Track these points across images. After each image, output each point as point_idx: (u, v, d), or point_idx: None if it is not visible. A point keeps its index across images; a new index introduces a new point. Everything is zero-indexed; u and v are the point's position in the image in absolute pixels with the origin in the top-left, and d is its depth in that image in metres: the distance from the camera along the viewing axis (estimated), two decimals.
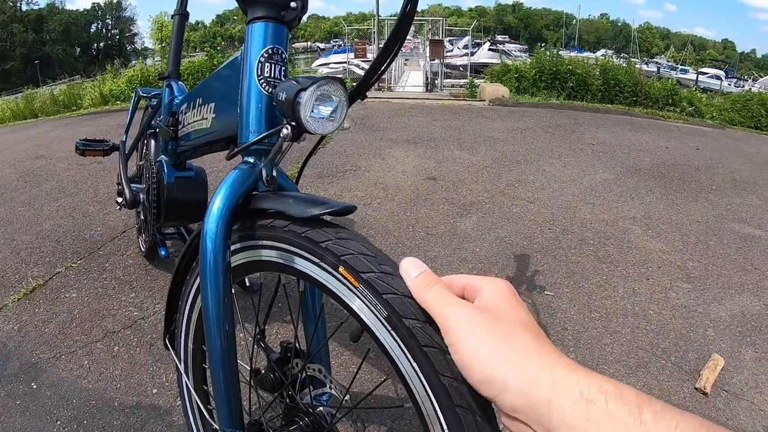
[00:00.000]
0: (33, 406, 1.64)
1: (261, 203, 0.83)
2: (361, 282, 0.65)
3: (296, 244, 0.75)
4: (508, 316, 0.49)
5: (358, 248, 0.69)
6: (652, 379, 1.86)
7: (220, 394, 0.83)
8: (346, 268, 0.67)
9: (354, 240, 0.71)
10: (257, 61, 0.89)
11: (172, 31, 2.01)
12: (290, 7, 0.90)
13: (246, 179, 0.86)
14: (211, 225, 0.80)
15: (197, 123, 1.26)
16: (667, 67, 37.20)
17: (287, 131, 0.82)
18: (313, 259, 0.72)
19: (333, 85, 0.82)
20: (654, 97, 9.71)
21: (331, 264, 0.70)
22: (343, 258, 0.68)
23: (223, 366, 0.82)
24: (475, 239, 2.95)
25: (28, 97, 10.28)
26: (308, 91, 0.79)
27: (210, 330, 0.81)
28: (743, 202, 3.98)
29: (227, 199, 0.82)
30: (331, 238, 0.71)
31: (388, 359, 0.64)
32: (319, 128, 0.82)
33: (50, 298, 2.29)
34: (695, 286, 2.57)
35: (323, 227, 0.73)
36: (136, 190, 2.03)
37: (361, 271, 0.66)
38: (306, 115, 0.79)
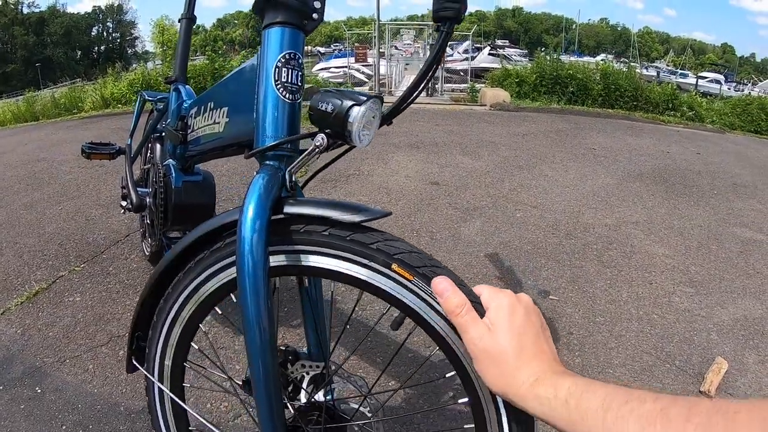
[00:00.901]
0: (37, 411, 1.64)
1: (294, 208, 0.83)
2: (416, 275, 0.74)
3: (341, 247, 0.78)
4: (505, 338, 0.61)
5: (405, 247, 0.77)
6: (656, 382, 1.87)
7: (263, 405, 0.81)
8: (400, 264, 0.75)
9: (397, 240, 0.78)
10: (274, 66, 0.89)
11: (179, 34, 2.01)
12: (311, 18, 0.92)
13: (272, 185, 0.85)
14: (248, 234, 0.78)
15: (209, 127, 1.26)
16: (667, 72, 37.28)
17: (323, 141, 0.83)
18: (362, 260, 0.78)
19: (378, 103, 0.86)
20: (654, 102, 9.73)
21: (383, 263, 0.76)
22: (396, 256, 0.75)
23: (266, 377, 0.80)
24: (479, 244, 2.95)
25: (29, 100, 10.27)
26: (363, 107, 0.81)
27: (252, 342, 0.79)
28: (744, 206, 3.98)
29: (262, 204, 0.81)
30: (379, 240, 0.77)
31: (440, 345, 0.76)
32: (365, 142, 0.85)
33: (54, 302, 2.29)
34: (698, 290, 2.58)
35: (366, 231, 0.79)
36: (142, 194, 2.03)
37: (415, 266, 0.74)
38: (359, 130, 0.82)
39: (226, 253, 0.85)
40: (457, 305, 0.65)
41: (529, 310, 0.65)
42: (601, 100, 9.66)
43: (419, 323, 0.76)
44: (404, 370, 1.86)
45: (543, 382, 0.57)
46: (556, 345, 2.05)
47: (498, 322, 0.63)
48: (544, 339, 0.64)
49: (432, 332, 0.75)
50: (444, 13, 0.84)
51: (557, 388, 0.54)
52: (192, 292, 0.91)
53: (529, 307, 0.66)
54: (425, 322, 0.75)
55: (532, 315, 0.65)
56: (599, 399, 0.50)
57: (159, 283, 0.97)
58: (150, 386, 1.05)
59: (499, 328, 0.62)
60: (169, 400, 1.04)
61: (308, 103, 0.87)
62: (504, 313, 0.63)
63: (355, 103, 0.81)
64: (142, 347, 1.04)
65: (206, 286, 0.89)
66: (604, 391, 0.50)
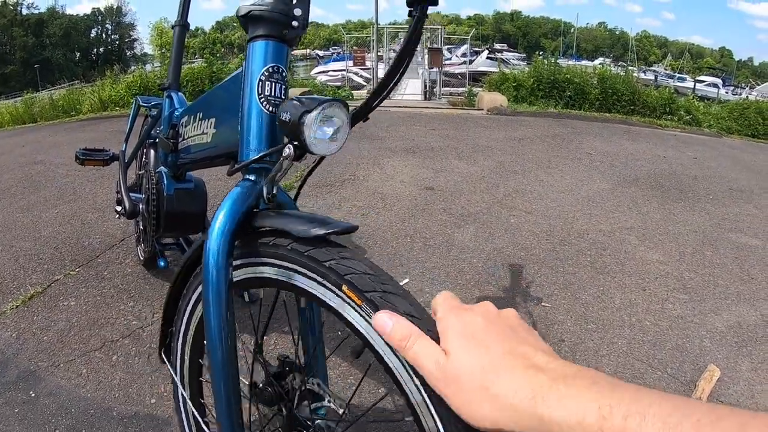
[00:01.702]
0: (31, 415, 1.64)
1: (263, 221, 0.84)
2: (364, 300, 0.67)
3: (299, 262, 0.76)
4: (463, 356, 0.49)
5: (362, 268, 0.71)
6: None
7: (221, 408, 0.83)
8: (350, 287, 0.69)
9: (356, 259, 0.73)
10: (258, 80, 0.90)
11: (172, 41, 2.02)
12: (291, 27, 0.91)
13: (248, 197, 0.86)
14: (214, 242, 0.81)
15: (197, 137, 1.27)
16: (665, 76, 37.35)
17: (289, 151, 0.83)
18: (316, 277, 0.74)
19: (337, 107, 0.83)
20: (651, 106, 9.73)
21: (334, 283, 0.71)
22: (347, 277, 0.70)
23: (225, 381, 0.82)
24: (473, 250, 2.96)
25: (28, 102, 10.26)
26: (313, 113, 0.80)
27: (212, 345, 0.81)
28: (740, 211, 3.99)
29: (230, 216, 0.83)
30: (335, 257, 0.73)
31: (390, 376, 0.66)
32: (322, 149, 0.83)
33: (49, 306, 2.29)
34: (692, 296, 2.58)
35: (326, 246, 0.75)
36: (135, 200, 2.04)
37: (364, 290, 0.68)
38: (311, 136, 0.80)
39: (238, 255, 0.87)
40: (401, 337, 0.54)
41: (491, 318, 0.53)
42: (599, 105, 9.66)
43: (372, 353, 0.69)
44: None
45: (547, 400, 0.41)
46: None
47: (451, 342, 0.51)
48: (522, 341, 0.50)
49: (384, 365, 0.68)
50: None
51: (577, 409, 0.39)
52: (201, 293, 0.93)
53: (490, 315, 0.54)
54: (377, 354, 0.68)
55: (495, 322, 0.53)
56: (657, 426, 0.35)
57: (182, 280, 1.01)
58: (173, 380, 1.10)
59: (454, 349, 0.50)
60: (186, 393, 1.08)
61: None
62: (455, 330, 0.52)
63: (307, 109, 0.80)
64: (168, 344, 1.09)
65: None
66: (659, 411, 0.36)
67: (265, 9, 0.89)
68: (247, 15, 0.90)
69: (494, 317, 0.54)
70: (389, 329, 0.56)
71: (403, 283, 2.53)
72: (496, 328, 0.51)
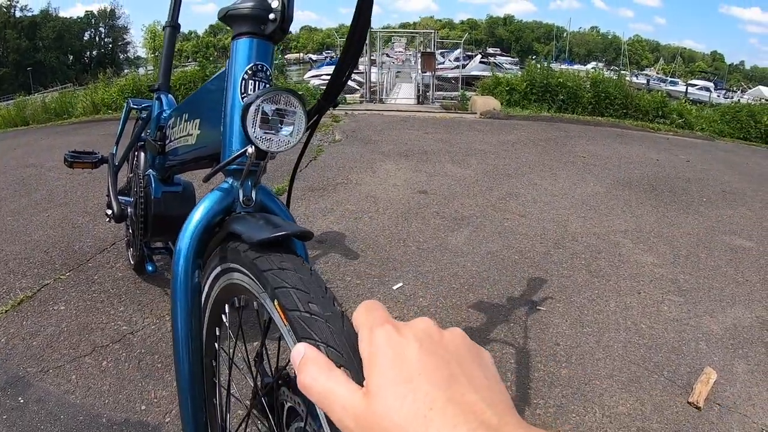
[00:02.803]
0: (20, 421, 1.61)
1: (230, 225, 0.81)
2: (288, 320, 0.62)
3: (250, 269, 0.72)
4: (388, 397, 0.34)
5: (294, 281, 0.65)
6: (644, 394, 1.86)
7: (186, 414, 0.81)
8: (279, 302, 0.64)
9: (294, 270, 0.67)
10: (241, 78, 0.87)
11: (163, 43, 2.00)
12: (269, 20, 0.87)
13: (222, 200, 0.84)
14: (183, 243, 0.79)
15: (183, 139, 1.25)
16: (657, 80, 37.54)
17: (252, 150, 0.80)
18: (259, 287, 0.70)
19: (283, 96, 0.79)
20: (644, 110, 9.76)
21: (270, 295, 0.66)
22: (277, 291, 0.65)
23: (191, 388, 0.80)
24: (467, 254, 2.95)
25: (20, 105, 10.21)
26: (252, 106, 0.76)
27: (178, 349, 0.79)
28: (734, 213, 4.00)
29: (199, 220, 0.81)
30: (274, 266, 0.68)
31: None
32: (272, 145, 0.79)
33: (38, 311, 2.26)
34: (687, 299, 2.58)
35: (272, 254, 0.70)
36: (124, 204, 2.02)
37: (288, 308, 0.62)
38: (254, 131, 0.77)
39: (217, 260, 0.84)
40: (312, 378, 0.40)
41: (431, 342, 0.38)
42: (591, 108, 9.69)
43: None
44: None
45: None
46: (542, 356, 2.05)
47: (376, 376, 0.36)
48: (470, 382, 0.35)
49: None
50: None
51: None
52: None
53: (430, 337, 0.39)
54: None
55: (435, 350, 0.38)
56: None
57: None
58: None
59: (377, 386, 0.35)
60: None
61: None
62: (385, 358, 0.37)
63: (249, 102, 0.77)
64: None
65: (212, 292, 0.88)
66: None
67: (241, 6, 0.86)
68: (226, 16, 0.88)
69: (435, 342, 0.39)
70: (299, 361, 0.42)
71: (397, 287, 2.52)
72: (435, 361, 0.36)
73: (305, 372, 0.40)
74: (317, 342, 0.55)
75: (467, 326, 2.24)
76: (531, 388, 1.87)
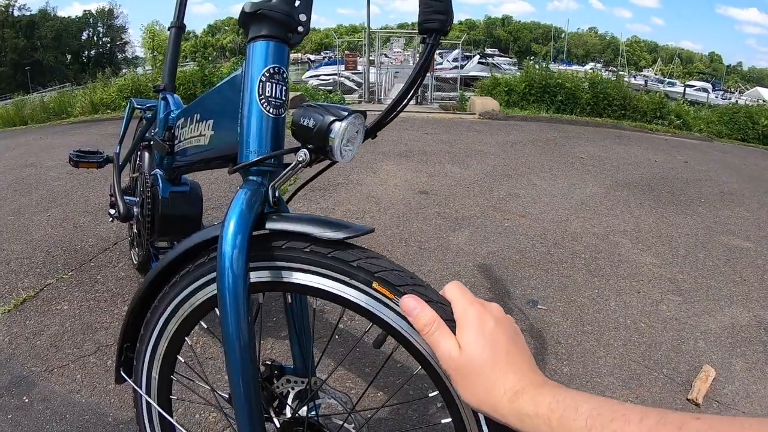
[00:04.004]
0: (25, 421, 1.62)
1: (277, 224, 0.82)
2: (397, 294, 0.72)
3: (322, 264, 0.77)
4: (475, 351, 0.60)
5: (387, 265, 0.75)
6: (644, 391, 1.88)
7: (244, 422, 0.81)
8: (381, 283, 0.73)
9: (379, 258, 0.77)
10: (258, 80, 0.87)
11: (168, 43, 2.00)
12: (297, 31, 0.89)
13: (255, 201, 0.85)
14: (228, 249, 0.78)
15: (194, 139, 1.25)
16: (655, 80, 37.63)
17: (305, 156, 0.82)
18: (342, 278, 0.76)
19: (360, 118, 0.84)
20: (642, 111, 9.80)
21: (364, 281, 0.75)
22: (377, 274, 0.74)
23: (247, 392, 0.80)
24: (468, 253, 2.96)
25: (18, 104, 10.19)
26: (344, 122, 0.80)
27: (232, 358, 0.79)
28: (731, 214, 4.02)
29: (244, 220, 0.81)
30: (361, 257, 0.76)
31: (422, 365, 0.74)
32: (345, 157, 0.83)
33: (41, 310, 2.27)
34: (685, 298, 2.60)
35: (347, 248, 0.77)
36: (129, 203, 2.02)
37: (397, 285, 0.72)
38: (340, 145, 0.80)
39: (210, 268, 0.85)
40: (426, 323, 0.64)
41: (500, 320, 0.63)
42: (590, 109, 9.72)
43: (401, 342, 0.75)
44: (391, 383, 1.86)
45: (522, 397, 0.54)
46: (544, 355, 2.07)
47: (467, 336, 0.61)
48: (519, 349, 0.61)
49: (414, 351, 0.74)
50: (429, 25, 0.83)
51: (538, 405, 0.52)
52: (177, 306, 0.91)
53: (500, 317, 0.64)
54: (407, 341, 0.74)
55: (502, 324, 0.63)
56: (583, 417, 0.48)
57: (147, 295, 0.97)
58: (138, 398, 1.05)
59: (469, 343, 0.60)
60: (156, 412, 1.03)
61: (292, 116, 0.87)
62: (473, 326, 0.61)
63: (337, 118, 0.80)
64: (131, 359, 1.03)
65: (191, 300, 0.89)
66: (588, 407, 0.48)
67: (271, 9, 0.87)
68: (255, 13, 0.88)
69: (502, 320, 0.64)
70: (416, 313, 0.65)
71: None
72: (503, 331, 0.62)
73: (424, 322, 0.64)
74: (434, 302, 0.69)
75: None
76: None
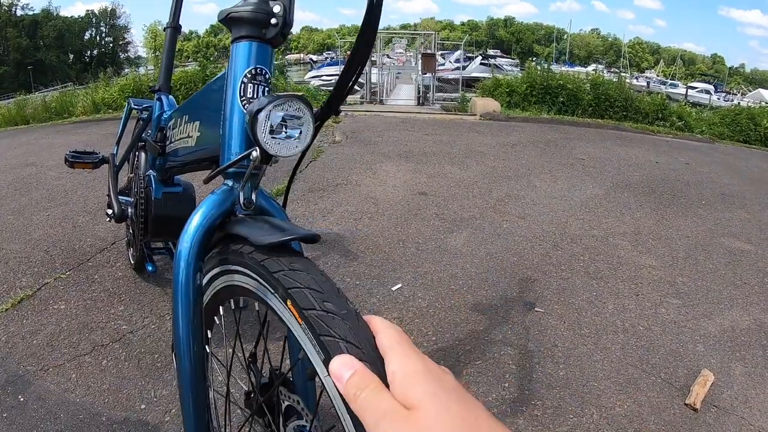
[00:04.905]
0: (20, 420, 1.62)
1: (232, 228, 0.82)
2: (303, 319, 0.63)
3: (257, 271, 0.73)
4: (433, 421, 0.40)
5: (307, 281, 0.66)
6: (642, 395, 1.87)
7: (188, 416, 0.82)
8: (292, 302, 0.65)
9: (306, 272, 0.68)
10: (240, 82, 0.88)
11: (164, 43, 2.01)
12: (270, 24, 0.87)
13: (222, 202, 0.85)
14: (184, 245, 0.80)
15: (183, 140, 1.25)
16: (657, 82, 37.56)
17: (257, 153, 0.80)
18: (269, 288, 0.70)
19: (293, 102, 0.80)
20: (644, 112, 9.77)
21: (281, 296, 0.67)
22: (291, 291, 0.65)
23: (192, 388, 0.81)
24: (466, 255, 2.96)
25: (20, 103, 10.18)
26: (263, 112, 0.77)
27: (179, 349, 0.80)
28: (732, 216, 4.01)
29: (200, 221, 0.82)
30: (284, 268, 0.69)
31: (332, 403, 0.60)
32: (281, 150, 0.80)
33: (38, 310, 2.27)
34: (685, 301, 2.59)
35: (281, 256, 0.71)
36: (124, 204, 2.03)
37: (303, 308, 0.63)
38: (264, 136, 0.77)
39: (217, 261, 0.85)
40: (358, 387, 0.45)
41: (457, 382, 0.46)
42: (591, 110, 9.69)
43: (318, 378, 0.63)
44: None
45: None
46: (540, 358, 2.06)
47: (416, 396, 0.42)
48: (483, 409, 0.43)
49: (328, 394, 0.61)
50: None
51: None
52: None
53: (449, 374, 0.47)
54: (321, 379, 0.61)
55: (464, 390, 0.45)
56: None
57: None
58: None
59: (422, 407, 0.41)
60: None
61: None
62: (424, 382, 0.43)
63: (259, 107, 0.77)
64: None
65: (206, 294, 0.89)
66: None
67: (243, 9, 0.87)
68: (227, 18, 0.88)
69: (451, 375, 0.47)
70: (345, 380, 0.47)
71: (396, 288, 2.53)
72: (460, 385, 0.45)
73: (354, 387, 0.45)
74: (336, 339, 0.57)
75: (466, 327, 2.25)
76: (529, 389, 1.87)
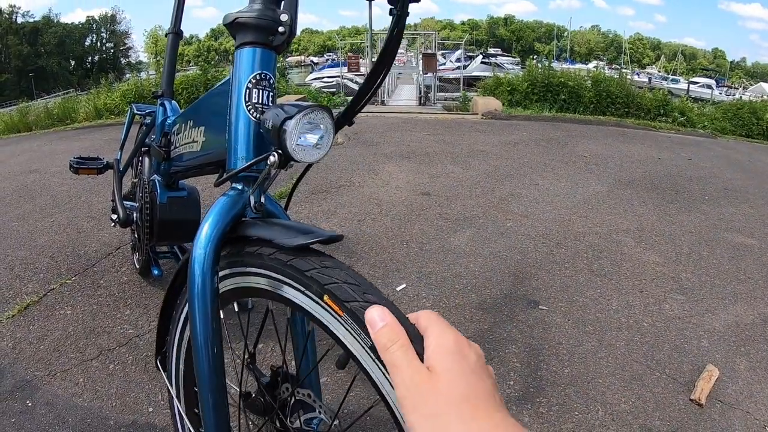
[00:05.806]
0: (28, 425, 1.63)
1: (248, 230, 0.83)
2: (345, 311, 0.66)
3: (282, 272, 0.75)
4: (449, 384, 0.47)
5: (343, 277, 0.69)
6: (647, 391, 1.87)
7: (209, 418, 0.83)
8: (331, 296, 0.68)
9: (338, 268, 0.71)
10: (245, 87, 0.89)
11: (165, 49, 2.03)
12: (278, 32, 0.89)
13: (234, 205, 0.86)
14: (200, 251, 0.80)
15: (188, 145, 1.26)
16: (659, 78, 37.50)
17: (274, 158, 0.82)
18: (299, 287, 0.73)
19: (319, 112, 0.82)
20: (646, 108, 9.75)
21: (316, 292, 0.70)
22: (328, 287, 0.68)
23: (212, 390, 0.82)
24: (469, 254, 2.96)
25: (23, 110, 10.22)
26: (294, 120, 0.79)
27: (198, 354, 0.81)
28: (736, 211, 4.01)
29: (215, 226, 0.82)
30: (316, 266, 0.71)
31: (373, 387, 0.66)
32: (305, 156, 0.82)
33: (45, 315, 2.28)
34: (689, 297, 2.59)
35: (308, 256, 0.74)
36: (129, 209, 2.04)
37: (345, 300, 0.66)
38: (292, 143, 0.79)
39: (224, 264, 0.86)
40: (389, 339, 0.52)
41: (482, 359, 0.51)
42: (593, 107, 9.68)
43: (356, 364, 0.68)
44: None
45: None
46: (545, 356, 2.06)
47: (441, 363, 0.48)
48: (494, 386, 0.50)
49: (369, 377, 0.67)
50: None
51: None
52: None
53: (482, 356, 0.52)
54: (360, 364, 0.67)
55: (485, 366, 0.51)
56: None
57: (176, 289, 1.01)
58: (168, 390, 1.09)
59: (442, 372, 0.47)
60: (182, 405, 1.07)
61: None
62: (451, 352, 0.49)
63: (288, 116, 0.79)
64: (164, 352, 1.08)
65: None
66: None
67: (250, 16, 0.88)
68: (233, 22, 0.89)
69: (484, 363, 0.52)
70: (379, 326, 0.54)
71: (400, 288, 2.53)
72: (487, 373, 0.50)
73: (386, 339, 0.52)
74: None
75: (470, 326, 2.25)
76: (534, 387, 1.88)
